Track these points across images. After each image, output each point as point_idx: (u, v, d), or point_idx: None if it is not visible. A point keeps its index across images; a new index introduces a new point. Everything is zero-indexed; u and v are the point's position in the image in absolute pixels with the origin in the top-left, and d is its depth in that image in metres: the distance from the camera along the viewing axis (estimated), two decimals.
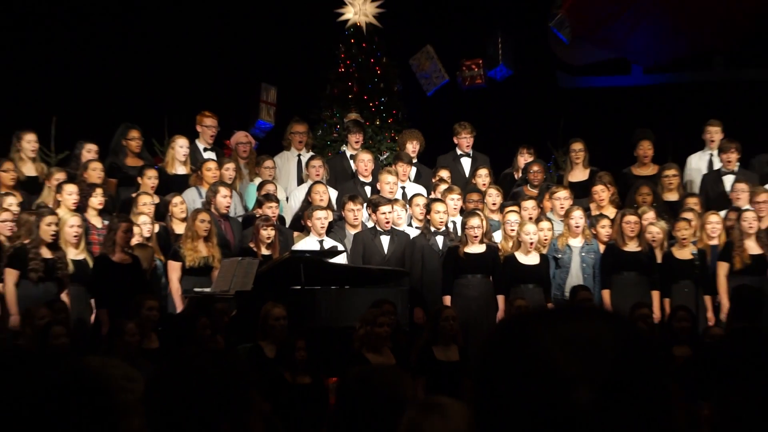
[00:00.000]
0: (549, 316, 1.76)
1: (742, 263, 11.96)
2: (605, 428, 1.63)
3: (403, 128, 15.04)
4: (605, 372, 1.65)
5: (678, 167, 13.84)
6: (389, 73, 15.80)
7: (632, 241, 12.02)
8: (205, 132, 13.97)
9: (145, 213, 12.10)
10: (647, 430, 1.66)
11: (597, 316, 1.75)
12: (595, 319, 1.74)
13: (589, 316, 1.75)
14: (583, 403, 1.63)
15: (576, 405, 1.63)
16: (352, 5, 15.81)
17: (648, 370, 1.69)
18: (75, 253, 11.40)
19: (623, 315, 1.78)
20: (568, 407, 1.63)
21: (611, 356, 1.66)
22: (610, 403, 1.64)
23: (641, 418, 1.66)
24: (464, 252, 11.84)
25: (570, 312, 1.82)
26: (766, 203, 12.62)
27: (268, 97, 14.85)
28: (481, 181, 13.47)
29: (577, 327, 1.72)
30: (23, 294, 10.92)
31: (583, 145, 13.90)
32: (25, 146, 12.98)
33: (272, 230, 11.83)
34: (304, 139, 14.28)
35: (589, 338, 1.69)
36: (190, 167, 13.42)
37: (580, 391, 1.63)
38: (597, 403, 1.63)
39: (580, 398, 1.63)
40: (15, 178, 12.44)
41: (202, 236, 11.64)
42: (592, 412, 1.63)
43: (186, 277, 11.61)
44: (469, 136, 14.25)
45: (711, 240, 12.42)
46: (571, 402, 1.63)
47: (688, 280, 11.97)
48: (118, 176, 13.28)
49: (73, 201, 11.90)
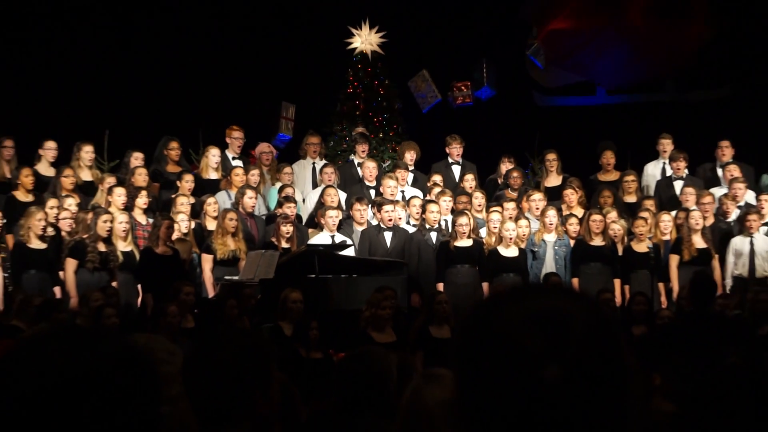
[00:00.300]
0: (515, 294, 1.64)
1: (690, 255, 11.98)
2: (572, 403, 1.52)
3: (402, 140, 15.03)
4: (573, 348, 1.54)
5: (636, 174, 13.84)
6: (390, 94, 15.80)
7: (597, 237, 12.05)
8: (233, 143, 13.98)
9: (183, 212, 12.10)
10: (610, 403, 1.56)
11: (563, 294, 1.64)
12: (562, 297, 1.62)
13: (555, 294, 1.64)
14: (551, 379, 1.52)
15: (545, 381, 1.52)
16: (359, 36, 15.82)
17: (611, 345, 1.59)
18: (123, 246, 11.42)
19: (587, 293, 1.67)
20: (537, 384, 1.52)
21: (579, 333, 1.56)
22: (578, 378, 1.53)
23: (605, 393, 1.55)
24: (454, 246, 11.86)
25: (536, 290, 1.70)
26: (710, 204, 12.67)
27: (288, 113, 14.84)
28: (468, 185, 13.47)
29: (544, 304, 1.60)
30: (81, 280, 10.96)
31: (556, 155, 13.91)
32: (83, 155, 13.00)
33: (291, 227, 11.83)
34: (318, 149, 14.28)
35: (556, 315, 1.57)
36: (221, 173, 13.43)
37: (549, 367, 1.53)
38: (565, 379, 1.52)
39: (549, 375, 1.52)
40: (74, 183, 12.46)
41: (231, 232, 11.65)
42: (560, 388, 1.52)
43: (217, 267, 11.62)
44: (459, 147, 14.24)
45: (664, 235, 12.42)
46: (539, 379, 1.52)
47: (644, 270, 11.98)
48: (161, 181, 13.27)
49: (122, 201, 11.92)
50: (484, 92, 15.53)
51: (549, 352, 1.53)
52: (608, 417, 1.56)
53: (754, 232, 12.02)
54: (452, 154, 14.25)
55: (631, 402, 1.60)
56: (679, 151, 13.74)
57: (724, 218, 12.68)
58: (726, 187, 13.17)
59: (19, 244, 11.09)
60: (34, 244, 11.06)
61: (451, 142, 14.26)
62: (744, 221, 12.11)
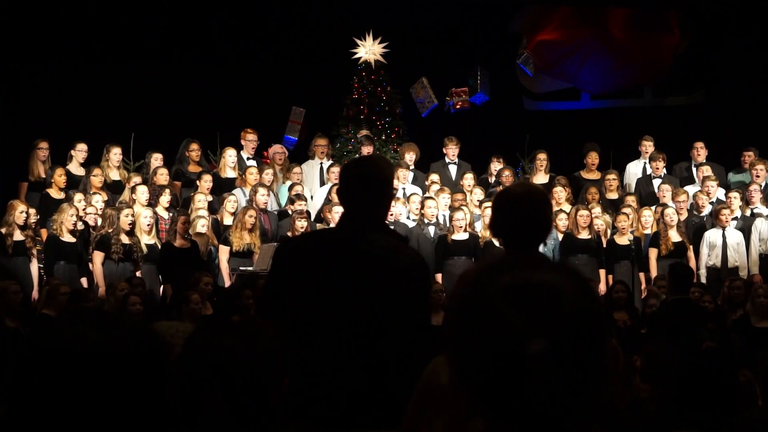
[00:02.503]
0: (505, 266, 1.53)
1: (667, 249, 12.00)
2: (556, 377, 1.44)
3: (403, 142, 15.03)
4: (563, 322, 1.46)
5: (617, 172, 13.88)
6: (392, 99, 15.77)
7: (584, 231, 12.05)
8: (248, 145, 13.99)
9: (203, 208, 12.13)
10: (591, 378, 1.48)
11: (553, 269, 1.54)
12: (552, 271, 1.53)
13: (545, 268, 1.53)
14: (537, 353, 1.43)
15: (530, 355, 1.43)
16: (363, 46, 15.81)
17: (597, 322, 1.50)
18: (147, 239, 11.46)
19: (576, 269, 1.56)
20: (522, 357, 1.43)
21: (569, 307, 1.47)
22: (564, 352, 1.45)
23: (588, 368, 1.47)
24: (451, 239, 11.87)
25: (526, 263, 1.54)
26: (685, 201, 12.69)
27: (296, 117, 14.84)
28: (467, 183, 13.48)
29: (534, 277, 1.50)
30: (107, 271, 11.00)
31: (545, 156, 13.93)
32: (112, 156, 13.06)
33: (305, 221, 11.85)
34: (326, 150, 14.29)
35: (546, 289, 1.48)
36: (237, 172, 13.45)
37: (535, 341, 1.43)
38: (551, 352, 1.44)
39: (534, 348, 1.43)
40: (102, 182, 12.52)
41: (248, 228, 11.68)
42: (545, 362, 1.43)
43: (233, 259, 11.65)
44: (455, 148, 14.25)
45: (645, 229, 12.45)
46: (522, 352, 1.43)
47: (626, 261, 11.99)
48: (182, 179, 13.32)
49: (145, 198, 11.97)
50: (479, 98, 15.52)
51: (537, 326, 1.45)
52: (589, 391, 1.49)
53: (726, 226, 12.05)
54: (449, 154, 14.26)
55: (608, 378, 1.52)
56: (658, 152, 13.79)
57: (697, 213, 12.71)
58: (700, 185, 13.20)
59: (52, 237, 11.13)
60: (65, 237, 11.10)
61: (447, 144, 14.28)
62: (717, 216, 12.15)
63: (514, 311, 1.46)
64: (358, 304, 3.59)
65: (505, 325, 1.45)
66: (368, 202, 3.73)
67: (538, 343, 1.44)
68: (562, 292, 1.48)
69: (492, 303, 1.48)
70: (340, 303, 3.62)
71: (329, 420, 3.47)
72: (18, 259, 10.98)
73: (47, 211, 11.73)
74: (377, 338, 3.55)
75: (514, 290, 1.48)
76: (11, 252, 10.95)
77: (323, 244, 3.85)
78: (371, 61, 15.81)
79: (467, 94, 15.51)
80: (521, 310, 1.46)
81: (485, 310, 1.48)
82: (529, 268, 1.52)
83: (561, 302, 1.47)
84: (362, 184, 3.73)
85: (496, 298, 1.48)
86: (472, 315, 1.50)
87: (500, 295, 1.48)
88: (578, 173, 14.06)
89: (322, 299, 3.64)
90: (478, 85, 15.47)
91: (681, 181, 13.68)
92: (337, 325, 3.61)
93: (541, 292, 1.48)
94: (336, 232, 3.91)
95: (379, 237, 3.73)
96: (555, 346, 1.44)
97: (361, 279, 3.64)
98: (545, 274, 1.51)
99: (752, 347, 7.29)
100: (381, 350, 3.54)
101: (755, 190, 12.65)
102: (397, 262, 3.64)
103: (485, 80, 15.55)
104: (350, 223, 3.78)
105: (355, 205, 3.76)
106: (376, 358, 3.54)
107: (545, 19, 16.07)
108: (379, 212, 3.80)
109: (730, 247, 11.99)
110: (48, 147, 12.90)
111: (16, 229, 10.98)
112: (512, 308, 1.46)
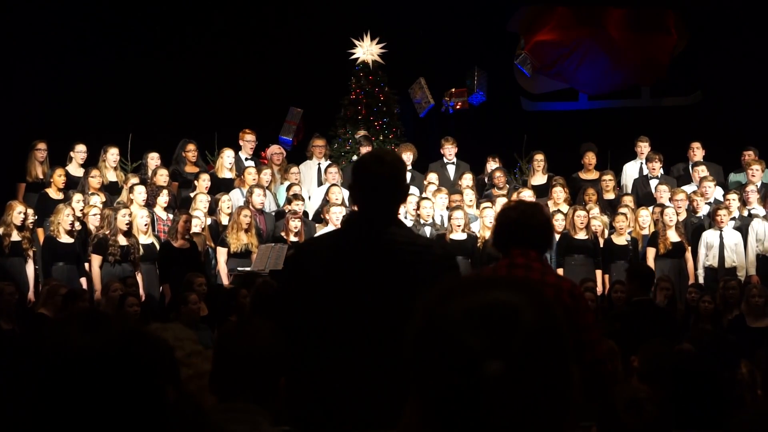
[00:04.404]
0: (462, 287, 1.47)
1: (665, 248, 11.97)
2: (513, 399, 1.38)
3: (401, 142, 15.01)
4: (518, 343, 1.39)
5: (613, 173, 13.86)
6: (390, 99, 15.76)
7: (581, 231, 12.00)
8: (246, 145, 13.96)
9: (200, 209, 12.10)
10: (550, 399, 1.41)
11: (510, 287, 1.46)
12: (508, 290, 1.45)
13: (501, 287, 1.46)
14: (492, 374, 1.37)
15: (485, 377, 1.37)
16: (361, 47, 15.80)
17: (556, 341, 1.43)
18: (144, 239, 11.42)
19: (534, 284, 1.48)
20: (477, 379, 1.37)
21: (525, 327, 1.40)
22: (521, 374, 1.39)
23: (546, 389, 1.40)
24: (449, 239, 11.82)
25: (483, 282, 1.48)
26: (683, 201, 12.65)
27: (292, 118, 14.82)
28: (465, 183, 13.44)
29: (489, 297, 1.43)
30: (105, 273, 10.95)
31: (543, 156, 13.90)
32: (109, 157, 13.02)
33: (299, 222, 11.82)
34: (324, 151, 14.24)
35: (501, 309, 1.41)
36: (235, 173, 13.41)
37: (491, 363, 1.37)
38: (508, 374, 1.38)
39: (490, 370, 1.37)
40: (100, 182, 12.48)
41: (244, 228, 11.64)
42: (501, 384, 1.37)
43: (231, 259, 11.61)
44: (452, 148, 14.22)
45: (643, 230, 12.43)
46: (479, 374, 1.37)
47: (623, 261, 11.95)
48: (179, 180, 13.28)
49: (143, 198, 11.92)
50: (476, 98, 15.50)
51: (492, 348, 1.39)
52: (548, 413, 1.41)
53: (723, 226, 12.01)
54: (446, 154, 14.22)
55: (569, 398, 1.45)
56: (654, 152, 13.76)
57: (695, 213, 12.68)
58: (697, 185, 13.17)
59: (50, 238, 11.09)
60: (62, 238, 11.05)
61: (445, 144, 14.25)
62: (714, 216, 12.12)
63: (470, 335, 1.40)
64: (389, 301, 3.49)
65: (463, 351, 1.39)
66: (385, 197, 3.68)
67: (494, 364, 1.38)
68: (518, 310, 1.42)
69: (447, 330, 1.42)
70: (373, 302, 3.55)
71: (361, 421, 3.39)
72: (14, 260, 10.93)
73: (45, 211, 11.68)
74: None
75: (467, 314, 1.41)
76: (8, 252, 10.90)
77: (344, 244, 3.75)
78: (369, 62, 15.79)
79: (466, 94, 15.50)
80: (477, 333, 1.40)
81: (441, 339, 1.42)
82: (482, 289, 1.46)
83: (518, 320, 1.41)
84: (378, 179, 3.66)
85: (450, 324, 1.42)
86: (428, 345, 1.43)
87: (454, 321, 1.42)
88: (576, 174, 14.04)
89: (353, 300, 3.57)
90: (475, 85, 15.45)
91: (678, 181, 13.66)
92: (372, 324, 3.53)
93: (496, 311, 1.41)
94: (355, 231, 3.78)
95: (400, 231, 3.68)
96: (513, 366, 1.38)
97: (391, 275, 3.57)
98: (499, 292, 1.44)
99: (748, 347, 7.25)
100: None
101: (752, 191, 12.62)
102: (427, 254, 3.61)
103: (483, 81, 15.52)
104: (367, 220, 3.71)
105: (372, 202, 3.69)
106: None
107: (543, 19, 16.06)
108: (396, 207, 3.77)
109: (727, 248, 11.96)
110: (46, 148, 12.85)
111: (13, 230, 10.94)
112: (468, 332, 1.40)
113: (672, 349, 5.13)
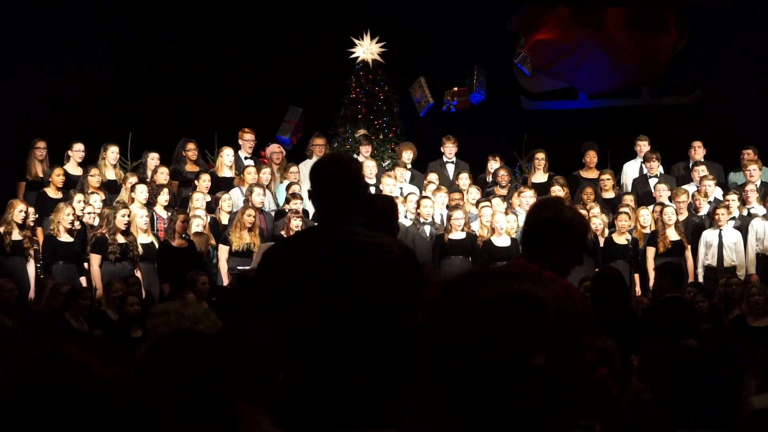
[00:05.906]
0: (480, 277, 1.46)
1: (665, 247, 11.96)
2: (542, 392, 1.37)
3: (401, 141, 14.99)
4: (551, 334, 1.40)
5: (612, 172, 13.88)
6: (390, 99, 15.74)
7: None
8: (245, 144, 13.95)
9: (201, 207, 12.09)
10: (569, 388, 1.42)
11: (527, 279, 1.46)
12: (528, 281, 1.45)
13: (520, 278, 1.46)
14: (538, 367, 1.37)
15: (531, 369, 1.36)
16: (361, 46, 15.78)
17: (572, 331, 1.43)
18: (144, 238, 11.42)
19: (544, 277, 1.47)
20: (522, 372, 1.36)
21: (553, 318, 1.41)
22: (557, 364, 1.39)
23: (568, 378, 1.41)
24: (449, 238, 11.81)
25: (499, 274, 1.48)
26: (685, 201, 12.65)
27: (292, 117, 14.81)
28: (463, 183, 13.43)
29: (514, 288, 1.43)
30: (105, 271, 10.94)
31: (544, 154, 13.89)
32: (109, 156, 13.01)
33: (300, 221, 11.80)
34: (323, 150, 14.21)
35: (530, 300, 1.41)
36: (235, 172, 13.40)
37: (536, 356, 1.37)
38: (550, 365, 1.38)
39: (536, 363, 1.36)
40: (100, 181, 12.47)
41: (248, 227, 11.63)
42: (546, 375, 1.37)
43: (232, 258, 11.61)
44: (453, 147, 14.22)
45: (644, 229, 12.43)
46: (525, 367, 1.36)
47: (622, 260, 11.94)
48: (179, 179, 13.27)
49: (144, 197, 11.90)
50: (475, 97, 15.49)
51: (525, 337, 1.38)
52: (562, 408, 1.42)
53: (723, 226, 12.01)
54: (446, 153, 14.22)
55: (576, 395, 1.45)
56: (652, 151, 13.77)
57: (695, 213, 12.68)
58: (697, 184, 13.17)
59: (49, 237, 11.08)
60: (62, 237, 11.04)
61: (445, 143, 14.24)
62: (713, 215, 12.12)
63: (502, 322, 1.38)
64: (351, 299, 3.60)
65: (491, 337, 1.38)
66: (341, 197, 3.76)
67: (540, 357, 1.38)
68: (546, 304, 1.43)
69: (475, 314, 1.40)
70: (333, 299, 3.62)
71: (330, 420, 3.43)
72: (15, 259, 10.93)
73: (44, 210, 11.68)
74: (375, 332, 3.53)
75: (499, 300, 1.41)
76: (9, 251, 10.89)
77: (307, 242, 3.89)
78: (369, 61, 15.77)
79: (466, 93, 15.50)
80: (509, 321, 1.39)
81: (467, 322, 1.39)
82: (512, 279, 1.46)
83: (545, 314, 1.42)
84: (337, 179, 3.75)
85: (480, 309, 1.40)
86: (451, 328, 1.40)
87: (484, 306, 1.40)
88: (577, 172, 14.03)
89: (313, 297, 3.64)
90: (474, 84, 15.44)
91: (678, 180, 13.66)
92: (332, 321, 3.60)
93: (527, 303, 1.42)
94: (312, 230, 3.98)
95: (359, 230, 3.75)
96: (553, 358, 1.39)
97: (352, 273, 3.65)
98: (529, 285, 1.45)
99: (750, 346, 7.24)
100: (380, 344, 3.51)
101: (751, 190, 12.63)
102: (388, 253, 3.68)
103: (482, 80, 15.52)
104: (323, 220, 3.83)
105: (329, 202, 3.79)
106: (375, 352, 3.52)
107: (542, 18, 16.04)
108: (353, 206, 3.83)
109: (726, 247, 11.96)
110: (45, 146, 12.85)
111: (14, 228, 10.93)
112: (499, 319, 1.39)
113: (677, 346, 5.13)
